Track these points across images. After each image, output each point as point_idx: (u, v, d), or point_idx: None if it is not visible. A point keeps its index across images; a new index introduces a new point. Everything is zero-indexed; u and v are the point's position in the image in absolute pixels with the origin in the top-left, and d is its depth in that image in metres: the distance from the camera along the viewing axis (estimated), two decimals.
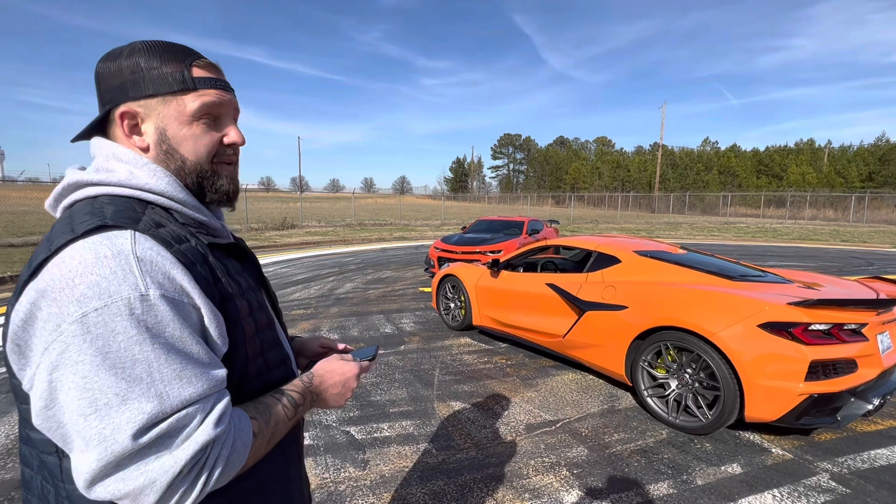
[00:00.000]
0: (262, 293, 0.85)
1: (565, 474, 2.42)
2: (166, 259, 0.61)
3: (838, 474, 2.44)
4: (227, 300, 0.69)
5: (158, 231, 0.64)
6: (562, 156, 78.58)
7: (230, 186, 0.80)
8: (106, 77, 0.70)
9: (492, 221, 10.19)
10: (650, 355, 3.08)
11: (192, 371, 0.60)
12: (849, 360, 2.52)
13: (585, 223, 25.69)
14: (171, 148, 0.72)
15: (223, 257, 0.74)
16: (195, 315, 0.63)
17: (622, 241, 4.04)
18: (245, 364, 0.72)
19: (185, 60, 0.72)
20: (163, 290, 0.59)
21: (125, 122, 0.70)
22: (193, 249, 0.67)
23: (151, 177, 0.70)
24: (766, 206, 37.42)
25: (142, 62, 0.69)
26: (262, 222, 19.29)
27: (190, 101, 0.71)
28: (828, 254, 12.99)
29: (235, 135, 0.78)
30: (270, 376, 0.78)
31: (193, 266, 0.65)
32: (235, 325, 0.70)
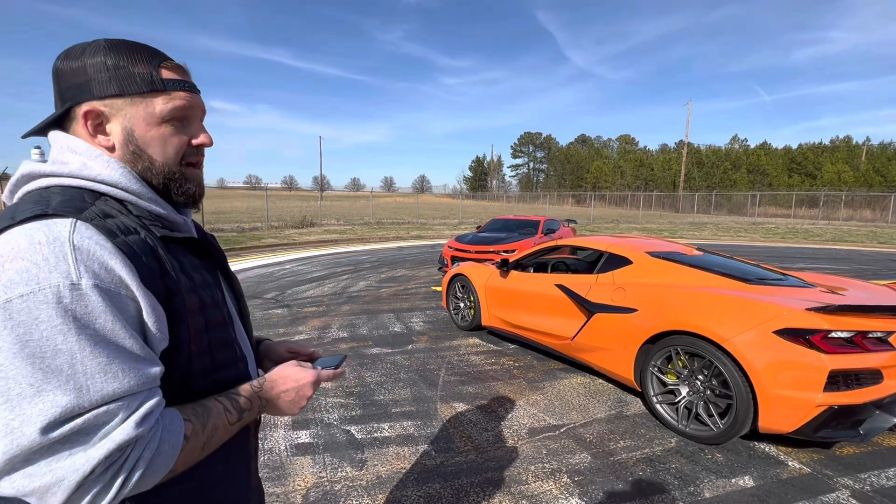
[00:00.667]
0: (222, 291, 0.84)
1: (566, 481, 2.35)
2: (105, 249, 0.60)
3: (860, 491, 2.30)
4: (174, 294, 0.67)
5: (104, 221, 0.63)
6: (583, 154, 77.37)
7: (196, 189, 0.80)
8: (67, 74, 0.69)
9: (507, 220, 10.09)
10: (660, 360, 2.97)
11: (120, 365, 0.57)
12: (873, 370, 2.37)
13: (606, 223, 25.21)
14: (139, 149, 0.72)
15: (179, 252, 0.73)
16: (132, 307, 0.61)
17: (635, 242, 3.92)
18: (189, 361, 0.70)
19: (153, 61, 0.71)
20: (97, 280, 0.57)
21: (89, 121, 0.69)
22: (141, 241, 0.65)
23: (105, 168, 0.69)
24: (798, 206, 35.90)
25: (108, 61, 0.68)
26: (282, 220, 19.65)
27: (160, 103, 0.71)
28: (863, 256, 12.37)
29: (204, 137, 0.78)
30: (219, 376, 0.76)
31: (138, 257, 0.63)
32: (181, 320, 0.68)
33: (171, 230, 0.74)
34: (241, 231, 16.29)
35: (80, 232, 0.59)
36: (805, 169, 54.42)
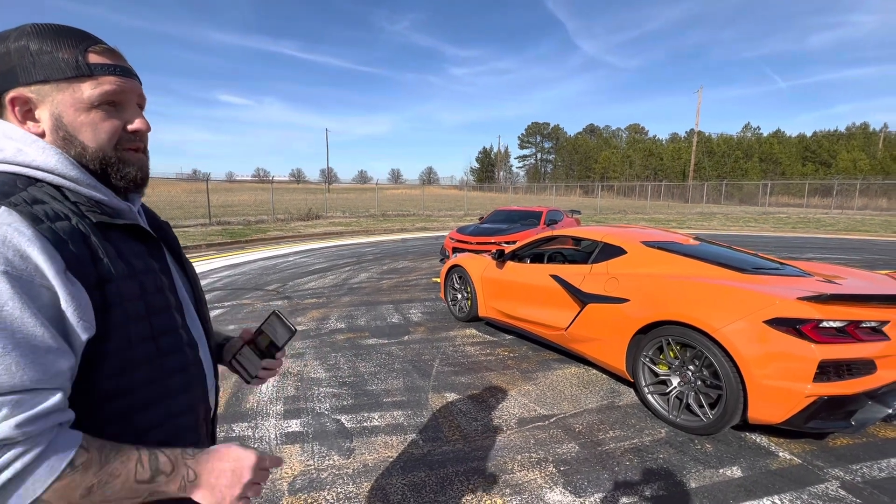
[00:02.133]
0: (170, 277, 0.83)
1: (551, 471, 2.36)
2: (24, 236, 0.59)
3: (850, 482, 2.27)
4: (107, 282, 0.67)
5: (31, 207, 0.62)
6: (591, 144, 76.52)
7: (138, 174, 0.78)
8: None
9: (510, 212, 10.04)
10: (652, 351, 2.94)
11: (20, 356, 0.56)
12: (866, 360, 2.32)
13: (613, 213, 24.98)
14: (69, 135, 0.71)
15: (119, 238, 0.72)
16: (46, 296, 0.60)
17: (631, 232, 3.87)
18: (127, 347, 0.69)
19: (79, 45, 0.70)
20: (7, 267, 0.56)
21: (17, 107, 0.69)
22: (70, 227, 0.64)
23: (40, 154, 0.68)
24: (811, 196, 35.16)
25: (32, 46, 0.67)
26: (288, 213, 19.78)
27: (87, 88, 0.70)
28: (876, 246, 12.12)
29: (139, 122, 0.76)
30: (165, 362, 0.76)
31: (63, 244, 0.62)
32: (115, 306, 0.67)
33: (112, 216, 0.73)
34: (247, 224, 16.42)
35: (2, 217, 0.59)
36: (819, 157, 53.27)
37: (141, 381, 0.71)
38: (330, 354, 4.01)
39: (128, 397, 0.70)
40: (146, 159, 0.81)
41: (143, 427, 0.72)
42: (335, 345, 4.27)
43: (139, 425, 0.72)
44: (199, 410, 0.84)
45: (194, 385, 0.83)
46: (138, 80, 0.78)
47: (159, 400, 0.75)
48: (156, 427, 0.74)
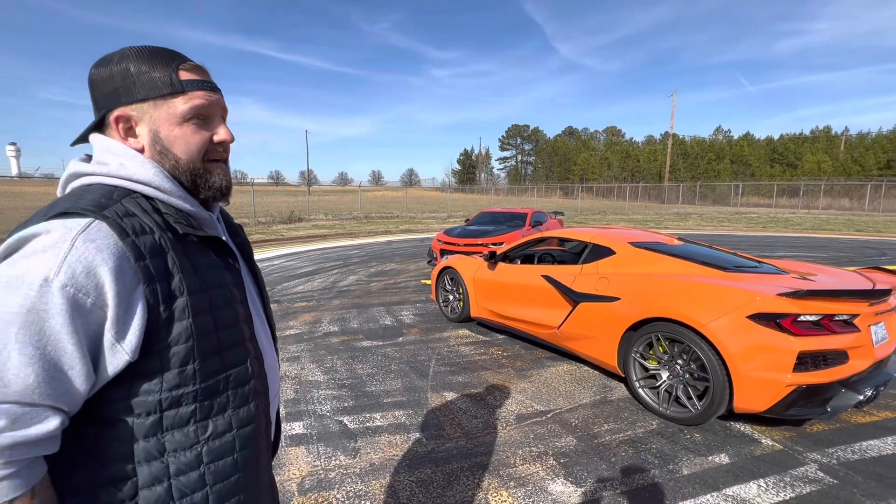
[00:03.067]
0: (243, 289, 0.86)
1: (552, 463, 2.46)
2: (103, 252, 0.63)
3: (827, 465, 2.44)
4: (176, 297, 0.70)
5: (122, 220, 0.67)
6: (570, 146, 77.81)
7: (223, 182, 0.83)
8: (99, 83, 0.75)
9: (495, 213, 10.17)
10: (642, 346, 3.08)
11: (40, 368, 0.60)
12: (839, 351, 2.51)
13: (593, 214, 25.49)
14: (165, 148, 0.76)
15: (197, 251, 0.76)
16: (96, 316, 0.64)
17: (618, 233, 4.03)
18: (188, 360, 0.72)
19: (171, 64, 0.76)
20: (69, 282, 0.61)
21: (120, 125, 0.75)
22: (152, 242, 0.69)
23: (139, 168, 0.74)
24: (780, 196, 36.69)
25: (132, 67, 0.73)
26: (269, 216, 19.49)
27: (179, 103, 0.75)
28: (840, 244, 12.76)
29: (224, 133, 0.82)
30: (230, 376, 0.78)
31: (142, 259, 0.67)
32: (180, 321, 0.71)
33: (196, 228, 0.78)
34: None
35: (89, 232, 0.64)
36: (786, 159, 55.58)
37: (204, 392, 0.74)
38: (326, 357, 4.03)
39: (188, 406, 0.72)
40: (228, 168, 0.87)
41: (205, 436, 0.74)
42: (330, 347, 4.29)
43: (200, 435, 0.74)
44: (261, 422, 0.85)
45: (258, 397, 0.84)
46: (221, 93, 0.83)
47: (223, 411, 0.77)
48: (218, 436, 0.76)
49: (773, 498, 2.17)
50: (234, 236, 0.95)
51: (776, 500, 2.15)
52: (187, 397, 0.72)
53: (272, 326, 0.98)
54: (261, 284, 0.98)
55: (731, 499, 2.16)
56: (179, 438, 0.72)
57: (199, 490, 0.74)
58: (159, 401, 0.70)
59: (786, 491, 2.22)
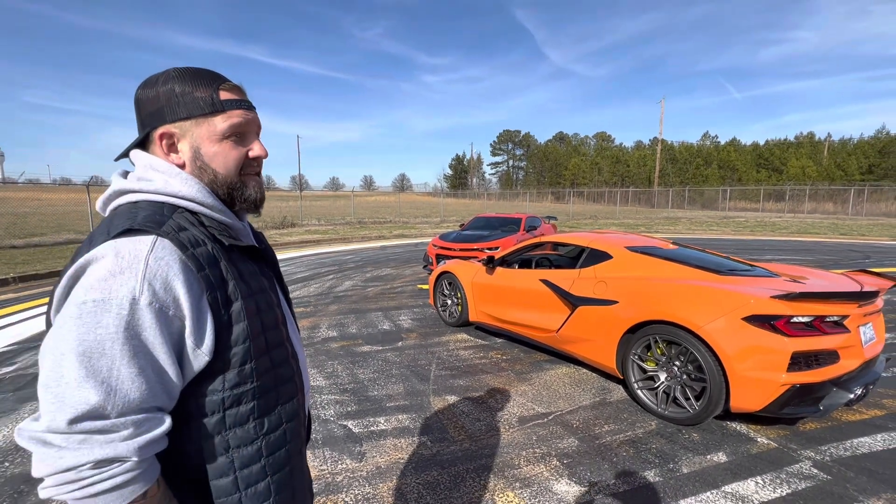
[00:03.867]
0: (277, 294, 0.91)
1: (555, 464, 2.50)
2: (172, 269, 0.69)
3: (820, 462, 2.52)
4: (232, 302, 0.76)
5: (179, 235, 0.72)
6: (561, 152, 78.51)
7: (257, 195, 0.88)
8: (145, 103, 0.79)
9: (489, 218, 10.25)
10: (640, 349, 3.15)
11: (147, 378, 0.67)
12: (830, 351, 2.60)
13: (584, 219, 25.74)
14: (205, 164, 0.81)
15: (239, 259, 0.82)
16: (177, 326, 0.70)
17: (614, 238, 4.11)
18: (246, 360, 0.77)
19: (213, 84, 0.81)
20: (153, 298, 0.66)
21: (163, 141, 0.79)
22: (207, 253, 0.74)
23: (184, 185, 0.78)
24: (766, 200, 37.38)
25: (176, 88, 0.78)
26: (262, 221, 19.36)
27: (220, 121, 0.80)
28: (825, 247, 13.05)
29: (259, 149, 0.87)
30: (277, 373, 0.84)
31: (202, 269, 0.72)
32: (237, 324, 0.76)
33: (236, 238, 0.83)
34: None
35: (156, 250, 0.68)
36: (772, 164, 56.68)
37: (260, 390, 0.79)
38: (326, 362, 4.05)
39: (247, 404, 0.78)
40: (261, 182, 0.91)
41: (262, 432, 0.80)
42: (330, 353, 4.30)
43: (259, 431, 0.79)
44: (302, 415, 0.92)
45: (298, 392, 0.90)
46: (256, 112, 0.88)
47: (274, 407, 0.83)
48: (272, 431, 0.82)
49: (770, 494, 2.24)
50: (259, 243, 0.98)
51: (773, 497, 2.22)
52: (246, 395, 0.77)
53: (298, 330, 1.04)
54: (285, 289, 1.02)
55: (730, 496, 2.23)
56: (241, 435, 0.78)
57: (262, 480, 0.80)
58: (222, 399, 0.76)
59: (782, 487, 2.29)
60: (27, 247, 11.35)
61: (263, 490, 0.80)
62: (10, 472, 2.46)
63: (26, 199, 26.28)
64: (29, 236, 12.68)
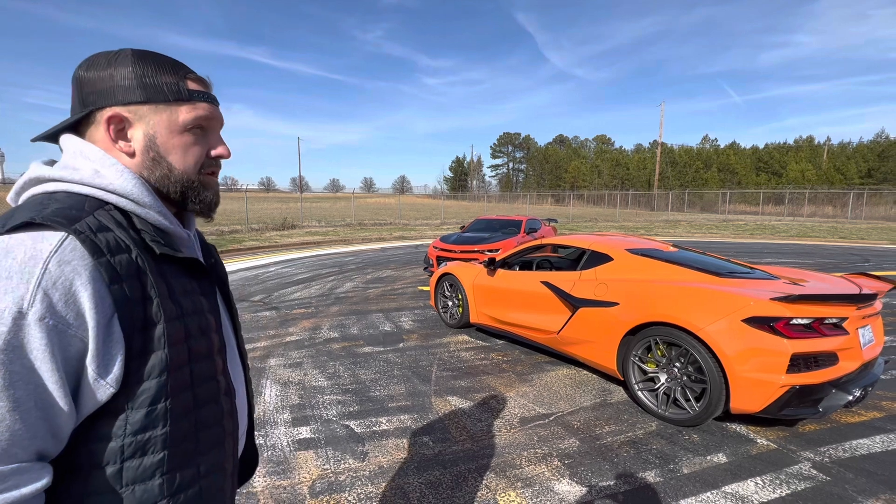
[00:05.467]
0: (217, 315, 0.79)
1: (557, 464, 2.52)
2: (80, 276, 0.57)
3: (820, 463, 2.54)
4: (153, 325, 0.63)
5: (96, 236, 0.60)
6: (561, 154, 78.64)
7: (214, 198, 0.80)
8: (92, 80, 0.68)
9: (490, 220, 10.27)
10: (640, 350, 3.17)
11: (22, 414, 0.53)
12: (829, 352, 2.62)
13: (584, 221, 25.77)
14: (159, 156, 0.72)
15: (173, 273, 0.69)
16: (76, 349, 0.57)
17: (615, 240, 4.13)
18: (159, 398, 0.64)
19: (179, 72, 0.73)
20: (47, 313, 0.54)
21: (112, 125, 0.69)
22: (129, 262, 0.62)
23: (118, 177, 0.67)
24: (766, 204, 37.46)
25: (136, 69, 0.69)
26: (262, 223, 19.39)
27: (184, 112, 0.72)
28: (825, 250, 13.07)
29: (222, 148, 0.79)
30: (199, 415, 0.70)
31: (118, 281, 0.60)
32: (155, 351, 0.64)
33: (174, 247, 0.71)
34: (220, 234, 16.01)
35: (62, 252, 0.56)
36: (771, 168, 56.77)
37: (173, 437, 0.65)
38: (328, 363, 4.06)
39: (154, 454, 0.64)
40: (218, 184, 0.83)
41: (170, 491, 0.66)
42: (332, 354, 4.32)
43: (163, 491, 0.65)
44: (227, 468, 0.78)
45: (226, 438, 0.77)
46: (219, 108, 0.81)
47: (190, 459, 0.68)
48: (185, 489, 0.67)
49: (769, 495, 2.26)
50: (207, 257, 0.88)
51: (773, 497, 2.24)
52: (155, 442, 0.63)
53: (244, 357, 0.92)
54: (233, 311, 0.91)
55: (730, 496, 2.25)
56: (141, 495, 0.63)
57: None
58: (121, 447, 0.61)
59: (781, 488, 2.31)
60: None
61: None
62: None
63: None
64: None
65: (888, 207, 31.85)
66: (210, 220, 0.83)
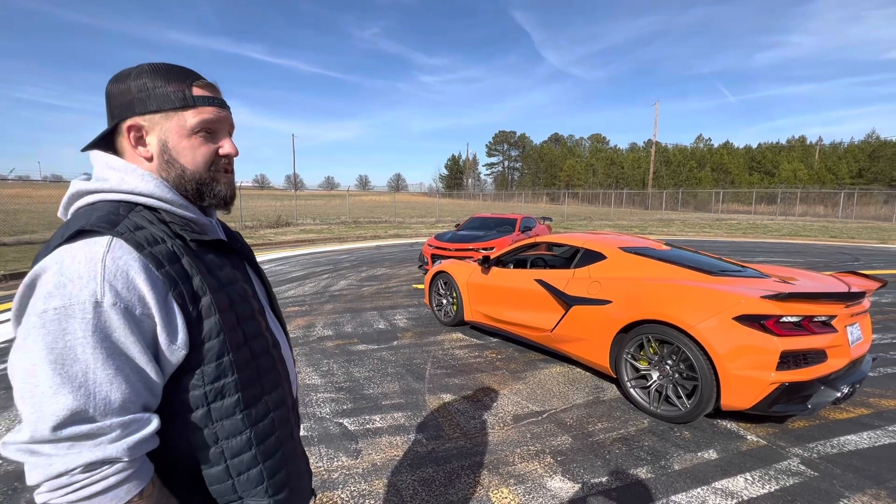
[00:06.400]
0: (252, 284, 0.92)
1: (549, 461, 2.53)
2: (132, 267, 0.68)
3: (808, 459, 2.57)
4: (200, 297, 0.75)
5: (135, 234, 0.71)
6: (556, 153, 78.80)
7: (227, 192, 0.88)
8: (116, 95, 0.79)
9: (485, 219, 10.28)
10: (633, 348, 3.19)
11: (126, 378, 0.66)
12: (818, 350, 2.65)
13: (579, 220, 25.85)
14: (172, 158, 0.81)
15: (205, 253, 0.81)
16: (147, 324, 0.69)
17: (608, 238, 4.15)
18: (223, 353, 0.77)
19: (186, 80, 0.81)
20: (117, 299, 0.66)
21: (131, 134, 0.79)
22: (167, 251, 0.73)
23: (140, 181, 0.78)
24: (758, 203, 37.77)
25: (148, 82, 0.78)
26: (257, 220, 19.29)
27: (190, 116, 0.80)
28: (816, 249, 13.21)
29: (229, 147, 0.87)
30: (258, 364, 0.85)
31: (163, 266, 0.71)
32: (208, 318, 0.76)
33: (200, 233, 0.81)
34: None
35: (113, 250, 0.68)
36: (764, 167, 57.25)
37: (242, 382, 0.79)
38: (322, 361, 4.05)
39: (231, 396, 0.78)
40: (233, 179, 0.91)
41: (249, 422, 0.81)
42: (325, 351, 4.31)
43: (245, 423, 0.80)
44: (288, 402, 0.93)
45: (283, 381, 0.92)
46: (230, 111, 0.89)
47: (259, 397, 0.83)
48: (260, 420, 0.83)
49: (759, 490, 2.28)
50: (233, 242, 0.97)
51: (762, 492, 2.27)
52: (229, 387, 0.78)
53: (282, 319, 1.05)
54: (266, 282, 1.03)
55: (720, 492, 2.27)
56: (229, 427, 0.79)
57: (254, 468, 0.82)
58: (204, 394, 0.76)
59: (770, 483, 2.34)
60: (18, 244, 11.23)
61: (256, 476, 0.82)
62: (3, 469, 2.45)
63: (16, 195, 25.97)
64: (19, 233, 12.55)
65: (878, 207, 32.22)
66: (227, 212, 0.92)
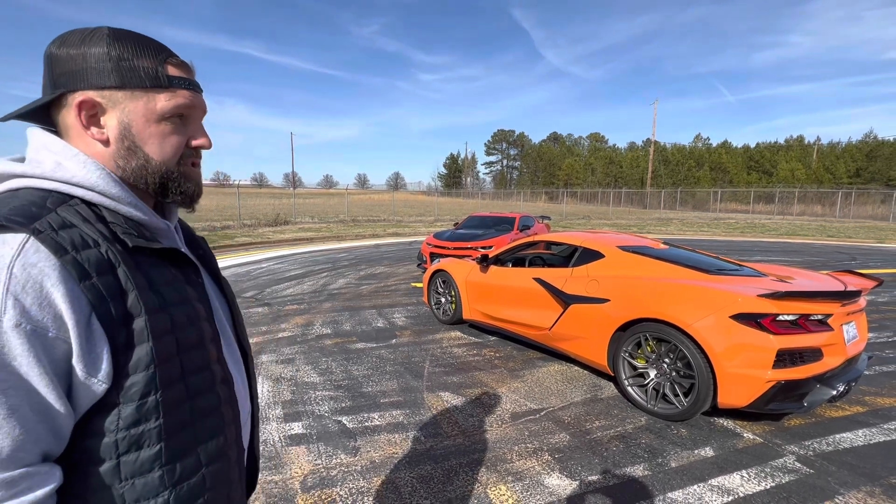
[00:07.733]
0: (207, 304, 0.77)
1: (547, 459, 2.55)
2: (49, 276, 0.54)
3: (804, 456, 2.59)
4: (133, 318, 0.61)
5: (57, 234, 0.57)
6: (555, 152, 78.83)
7: (195, 189, 0.76)
8: (64, 60, 0.64)
9: (484, 217, 10.29)
10: (631, 346, 3.21)
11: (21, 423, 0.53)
12: (814, 348, 2.67)
13: (578, 219, 25.89)
14: (135, 145, 0.67)
15: (152, 265, 0.67)
16: (61, 350, 0.56)
17: (607, 237, 4.17)
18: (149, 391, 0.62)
19: (159, 56, 0.68)
20: (23, 318, 0.52)
21: (83, 111, 0.65)
22: (98, 257, 0.59)
23: (81, 169, 0.63)
24: (756, 202, 37.84)
25: (112, 51, 0.64)
26: (255, 218, 19.27)
27: (163, 99, 0.67)
28: (813, 249, 13.26)
29: (203, 139, 0.74)
30: (194, 405, 0.68)
31: (88, 277, 0.57)
32: (139, 345, 0.62)
33: (150, 239, 0.68)
34: (212, 230, 15.88)
35: (27, 254, 0.54)
36: (762, 167, 57.39)
37: (168, 429, 0.64)
38: (321, 359, 4.06)
39: (151, 447, 0.63)
40: (200, 175, 0.78)
41: (170, 482, 0.65)
42: (324, 350, 4.31)
43: (164, 482, 0.64)
44: (231, 455, 0.76)
45: (227, 426, 0.75)
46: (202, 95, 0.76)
47: (190, 449, 0.67)
48: (187, 479, 0.67)
49: (755, 487, 2.30)
50: (194, 248, 0.85)
51: (758, 489, 2.28)
52: (149, 435, 0.62)
53: (244, 345, 0.88)
54: (230, 299, 0.88)
55: (716, 489, 2.29)
56: (142, 488, 0.62)
57: None
58: (115, 442, 0.60)
59: (766, 481, 2.35)
60: None
61: None
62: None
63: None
64: None
65: (875, 207, 32.32)
66: (192, 210, 0.78)
